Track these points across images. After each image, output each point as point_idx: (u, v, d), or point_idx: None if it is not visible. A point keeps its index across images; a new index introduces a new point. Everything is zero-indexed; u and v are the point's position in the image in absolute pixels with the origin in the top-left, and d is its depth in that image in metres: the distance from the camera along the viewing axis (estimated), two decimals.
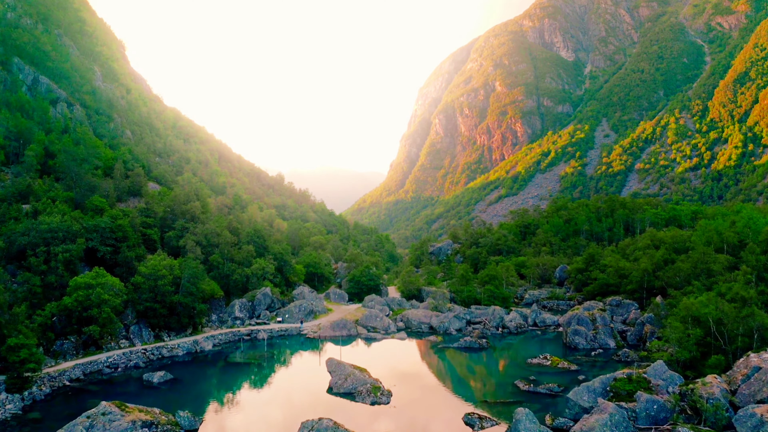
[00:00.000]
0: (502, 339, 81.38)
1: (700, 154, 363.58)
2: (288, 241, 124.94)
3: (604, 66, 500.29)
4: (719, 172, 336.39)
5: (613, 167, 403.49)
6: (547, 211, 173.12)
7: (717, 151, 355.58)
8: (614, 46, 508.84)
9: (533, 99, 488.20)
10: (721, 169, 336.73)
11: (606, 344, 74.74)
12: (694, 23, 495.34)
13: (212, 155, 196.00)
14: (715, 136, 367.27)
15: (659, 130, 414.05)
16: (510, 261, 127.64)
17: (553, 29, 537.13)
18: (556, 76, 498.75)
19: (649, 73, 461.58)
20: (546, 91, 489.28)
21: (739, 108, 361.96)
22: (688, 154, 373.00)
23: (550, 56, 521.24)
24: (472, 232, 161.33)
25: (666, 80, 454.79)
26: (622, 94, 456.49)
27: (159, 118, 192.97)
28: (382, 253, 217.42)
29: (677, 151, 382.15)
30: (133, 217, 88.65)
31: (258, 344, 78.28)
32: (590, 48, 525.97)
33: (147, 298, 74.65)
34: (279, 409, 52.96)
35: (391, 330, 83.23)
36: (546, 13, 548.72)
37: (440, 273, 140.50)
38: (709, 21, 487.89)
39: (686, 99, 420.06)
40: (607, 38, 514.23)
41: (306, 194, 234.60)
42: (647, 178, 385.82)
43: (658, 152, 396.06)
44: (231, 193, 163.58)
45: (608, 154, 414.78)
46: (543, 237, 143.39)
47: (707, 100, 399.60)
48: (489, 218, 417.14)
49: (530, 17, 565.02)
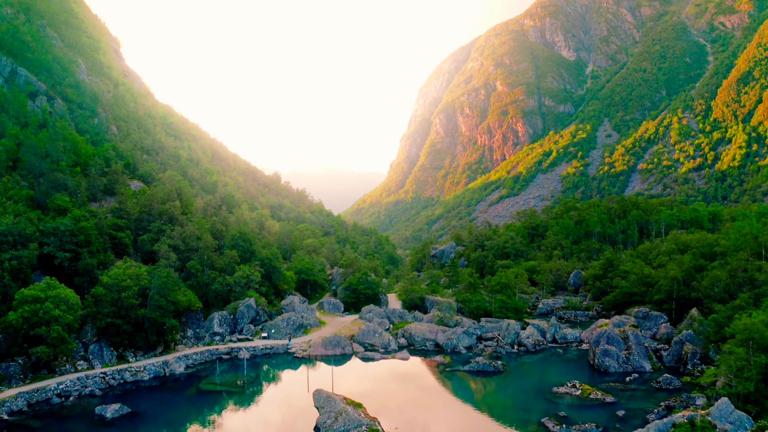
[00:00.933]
0: (518, 358, 70.09)
1: (703, 155, 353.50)
2: (279, 245, 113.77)
3: (606, 65, 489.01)
4: (723, 173, 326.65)
5: (616, 167, 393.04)
6: (555, 212, 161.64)
7: (721, 151, 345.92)
8: (616, 45, 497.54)
9: (534, 99, 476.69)
10: (725, 169, 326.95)
11: (641, 367, 63.56)
12: (697, 22, 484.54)
13: (205, 153, 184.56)
14: (718, 136, 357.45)
15: (662, 130, 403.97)
16: (520, 266, 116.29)
17: (555, 28, 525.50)
18: (557, 75, 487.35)
19: (652, 72, 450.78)
20: (547, 91, 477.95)
21: (742, 108, 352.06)
22: (691, 155, 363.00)
23: (552, 55, 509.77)
24: (477, 234, 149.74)
25: (668, 80, 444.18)
26: (624, 94, 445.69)
27: (149, 114, 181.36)
28: (382, 255, 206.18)
29: (680, 152, 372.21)
30: (101, 219, 77.36)
31: (239, 365, 67.06)
32: (592, 47, 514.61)
33: (109, 312, 63.45)
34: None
35: (391, 348, 72.00)
36: (547, 13, 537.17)
37: (443, 278, 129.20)
38: (712, 20, 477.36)
39: (689, 99, 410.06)
40: (609, 38, 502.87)
41: (303, 194, 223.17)
42: (650, 179, 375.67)
43: (661, 152, 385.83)
44: (223, 193, 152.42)
45: (610, 154, 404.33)
46: (553, 239, 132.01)
47: (710, 99, 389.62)
48: (490, 219, 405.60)
49: (531, 16, 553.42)
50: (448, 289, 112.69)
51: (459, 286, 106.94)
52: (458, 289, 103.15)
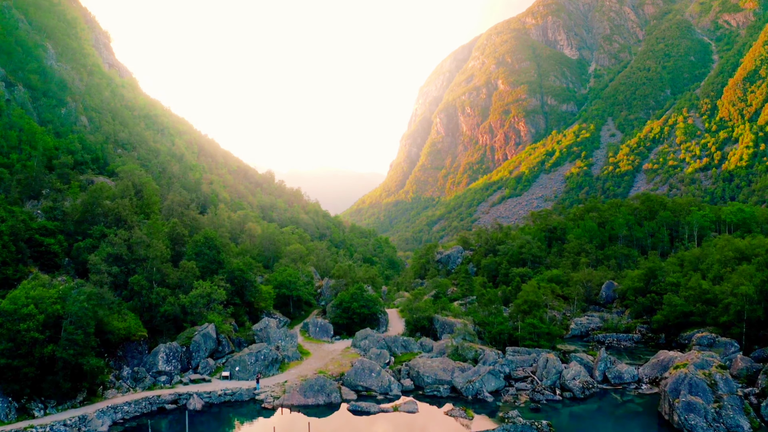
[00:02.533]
0: (563, 408, 51.04)
1: (710, 154, 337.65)
2: (261, 251, 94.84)
3: (609, 64, 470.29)
4: (731, 173, 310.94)
5: (620, 167, 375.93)
6: (574, 213, 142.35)
7: (727, 151, 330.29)
8: (619, 44, 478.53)
9: (537, 97, 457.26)
10: (733, 169, 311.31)
11: (737, 425, 44.69)
12: (701, 21, 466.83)
13: (190, 149, 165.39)
14: (725, 136, 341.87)
15: (667, 129, 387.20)
16: (541, 275, 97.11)
17: (557, 27, 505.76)
18: (560, 74, 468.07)
19: (656, 71, 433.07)
20: (550, 90, 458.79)
21: (749, 107, 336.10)
22: (697, 154, 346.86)
23: (554, 54, 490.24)
24: (487, 237, 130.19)
25: (673, 78, 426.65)
26: (628, 93, 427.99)
27: (128, 106, 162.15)
28: (381, 258, 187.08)
29: (686, 151, 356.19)
30: (18, 221, 58.32)
31: (186, 420, 47.99)
32: (594, 46, 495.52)
33: (5, 350, 44.59)
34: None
35: (393, 392, 53.01)
36: (549, 11, 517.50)
37: (452, 287, 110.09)
38: (716, 19, 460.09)
39: (694, 98, 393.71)
40: (612, 36, 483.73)
41: (299, 193, 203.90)
42: (656, 179, 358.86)
43: (667, 152, 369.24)
44: (207, 191, 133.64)
45: (615, 154, 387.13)
46: (576, 244, 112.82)
47: (716, 98, 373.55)
48: (493, 220, 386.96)
49: (533, 15, 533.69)
50: (460, 302, 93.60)
51: (473, 301, 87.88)
52: (472, 305, 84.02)
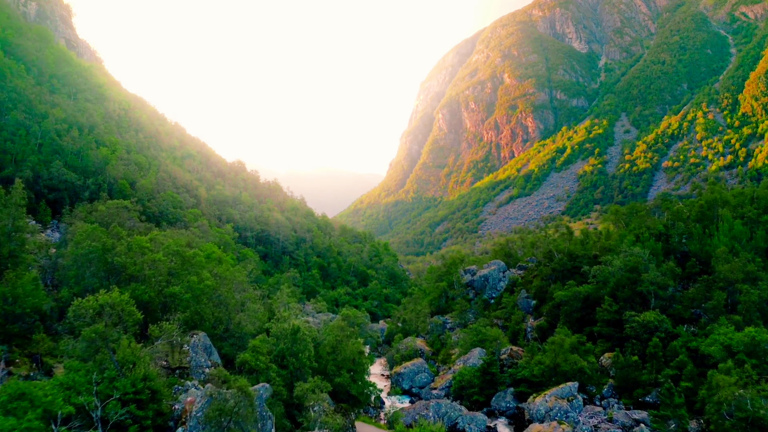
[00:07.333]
0: None
1: (734, 151, 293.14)
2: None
3: (620, 58, 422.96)
4: (758, 171, 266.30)
5: (638, 165, 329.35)
6: (699, 207, 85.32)
7: (753, 148, 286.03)
8: (630, 37, 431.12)
9: (545, 92, 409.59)
10: (760, 167, 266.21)
11: None
12: (716, 13, 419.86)
13: (122, 123, 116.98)
14: (749, 132, 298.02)
15: (686, 125, 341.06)
16: (716, 335, 47.01)
17: (565, 19, 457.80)
18: (569, 68, 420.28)
19: (671, 64, 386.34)
20: (559, 84, 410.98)
21: None
22: (720, 151, 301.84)
23: (562, 47, 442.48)
24: (548, 248, 75.96)
25: (689, 72, 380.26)
26: (642, 87, 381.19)
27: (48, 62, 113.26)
28: (379, 270, 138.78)
29: (708, 148, 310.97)
30: None
31: None
32: (604, 39, 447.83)
33: None
34: None
35: None
36: (557, 3, 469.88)
37: (509, 347, 60.45)
38: (733, 11, 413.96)
39: (714, 92, 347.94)
40: (623, 29, 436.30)
41: (276, 187, 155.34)
42: (677, 178, 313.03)
43: (687, 149, 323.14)
44: (120, 173, 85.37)
45: (631, 151, 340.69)
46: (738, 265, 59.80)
47: (737, 93, 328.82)
48: (500, 221, 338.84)
49: (540, 7, 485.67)
50: (523, 373, 45.01)
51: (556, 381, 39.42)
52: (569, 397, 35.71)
